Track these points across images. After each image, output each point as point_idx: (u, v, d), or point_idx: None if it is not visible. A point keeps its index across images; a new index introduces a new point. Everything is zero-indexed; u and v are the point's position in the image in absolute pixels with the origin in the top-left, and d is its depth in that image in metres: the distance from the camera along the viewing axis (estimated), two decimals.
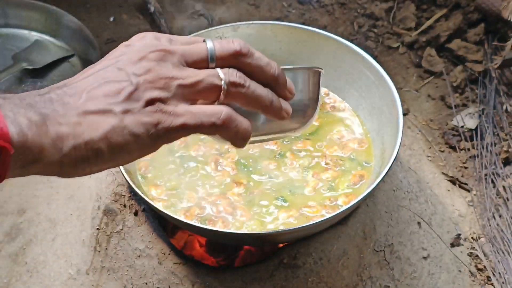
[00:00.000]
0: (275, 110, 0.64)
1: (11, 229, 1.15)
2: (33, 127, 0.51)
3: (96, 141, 0.54)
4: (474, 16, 1.51)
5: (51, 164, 0.53)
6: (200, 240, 1.02)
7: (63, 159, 0.53)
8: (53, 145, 0.52)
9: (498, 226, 1.13)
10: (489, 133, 1.28)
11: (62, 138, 0.53)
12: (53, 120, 0.53)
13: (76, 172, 0.56)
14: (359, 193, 0.91)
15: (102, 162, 0.56)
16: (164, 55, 0.57)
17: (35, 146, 0.51)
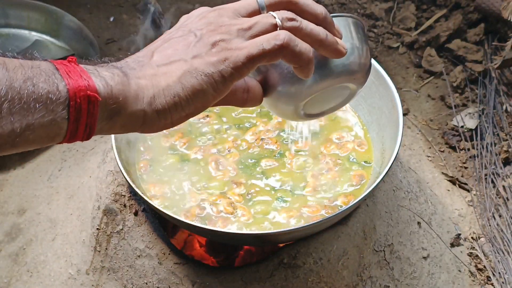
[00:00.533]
0: (332, 44, 0.65)
1: (11, 229, 1.16)
2: (116, 79, 0.55)
3: (172, 86, 0.57)
4: (474, 16, 1.51)
5: (134, 114, 0.57)
6: (200, 240, 1.02)
7: (146, 108, 0.57)
8: (135, 95, 0.56)
9: (498, 226, 1.13)
10: (489, 133, 1.28)
11: (142, 88, 0.57)
12: (132, 75, 0.57)
13: (159, 122, 0.59)
14: (359, 193, 0.91)
15: (181, 108, 0.58)
16: (220, 12, 0.62)
17: (120, 95, 0.55)
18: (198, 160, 0.98)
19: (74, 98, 0.52)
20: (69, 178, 1.18)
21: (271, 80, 0.68)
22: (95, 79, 0.54)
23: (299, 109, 0.72)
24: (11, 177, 1.26)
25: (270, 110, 0.75)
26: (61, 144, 1.30)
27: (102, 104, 0.54)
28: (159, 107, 0.57)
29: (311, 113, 0.75)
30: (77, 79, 0.53)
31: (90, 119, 0.54)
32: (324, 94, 0.71)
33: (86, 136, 0.55)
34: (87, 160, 1.19)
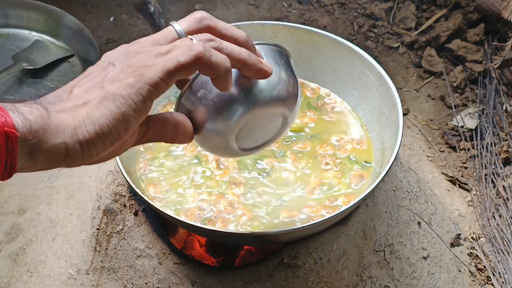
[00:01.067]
0: (255, 64, 0.64)
1: (11, 229, 1.16)
2: (35, 112, 0.55)
3: (91, 115, 0.57)
4: (474, 16, 1.51)
5: (56, 148, 0.56)
6: (200, 240, 1.02)
7: (67, 140, 0.56)
8: (55, 128, 0.56)
9: (498, 226, 1.13)
10: (489, 133, 1.28)
11: (62, 120, 0.56)
12: (52, 109, 0.57)
13: (82, 154, 0.58)
14: (359, 193, 0.91)
15: (104, 136, 0.57)
16: (139, 44, 0.63)
17: (39, 129, 0.54)
18: (198, 160, 0.98)
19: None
20: (69, 178, 1.18)
21: (198, 117, 0.67)
22: (12, 115, 0.53)
23: (232, 143, 0.70)
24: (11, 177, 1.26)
25: (203, 148, 0.74)
26: None
27: (22, 140, 0.53)
28: (81, 137, 0.56)
29: (246, 148, 0.73)
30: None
31: (9, 156, 0.53)
32: (255, 125, 0.70)
33: (7, 175, 0.55)
34: None
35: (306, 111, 1.06)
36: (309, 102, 1.07)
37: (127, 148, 0.64)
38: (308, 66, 1.10)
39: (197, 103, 0.67)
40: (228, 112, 0.66)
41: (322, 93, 1.09)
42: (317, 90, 1.09)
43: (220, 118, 0.67)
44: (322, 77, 1.10)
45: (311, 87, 1.10)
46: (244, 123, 0.68)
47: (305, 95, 1.09)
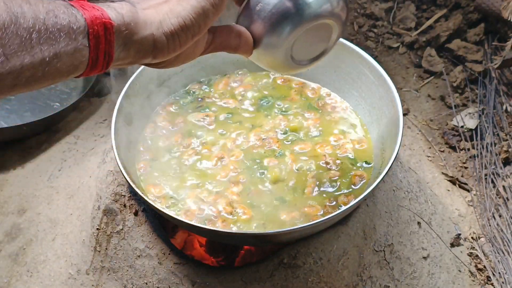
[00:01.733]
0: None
1: (11, 229, 1.16)
2: (126, 8, 0.61)
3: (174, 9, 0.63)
4: (474, 16, 1.51)
5: (145, 39, 0.61)
6: (200, 240, 1.02)
7: (154, 32, 0.62)
8: (144, 22, 0.61)
9: (498, 226, 1.13)
10: (489, 133, 1.28)
11: (149, 16, 0.62)
12: (139, 7, 0.63)
13: (168, 46, 0.63)
14: (359, 193, 0.91)
15: (186, 28, 0.63)
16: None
17: (130, 21, 0.60)
18: (198, 160, 0.98)
19: (92, 26, 0.57)
20: (69, 178, 1.18)
21: (257, 29, 0.72)
22: (107, 9, 0.59)
23: (288, 54, 0.75)
24: (11, 177, 1.26)
25: (261, 64, 0.78)
26: (61, 144, 1.30)
27: (117, 31, 0.59)
28: (166, 29, 0.62)
29: (301, 59, 0.78)
30: (91, 10, 0.58)
31: (107, 46, 0.58)
32: (309, 36, 0.75)
33: (106, 65, 0.59)
34: (87, 160, 1.19)
35: (306, 112, 1.06)
36: (310, 103, 1.07)
37: (199, 53, 0.70)
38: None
39: (255, 16, 0.72)
40: (283, 24, 0.71)
41: (322, 93, 1.09)
42: (318, 90, 1.09)
43: (277, 30, 0.72)
44: (322, 77, 1.10)
45: (312, 87, 1.10)
46: (298, 34, 0.73)
47: (305, 95, 1.09)
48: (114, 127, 0.94)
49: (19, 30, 0.52)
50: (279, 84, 1.12)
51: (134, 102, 1.02)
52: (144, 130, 1.03)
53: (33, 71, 0.54)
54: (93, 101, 1.42)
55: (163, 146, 1.01)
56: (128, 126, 0.99)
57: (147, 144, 1.01)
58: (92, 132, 1.32)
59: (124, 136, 0.97)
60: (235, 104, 1.07)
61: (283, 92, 1.10)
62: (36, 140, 1.33)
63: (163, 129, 1.03)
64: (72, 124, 1.37)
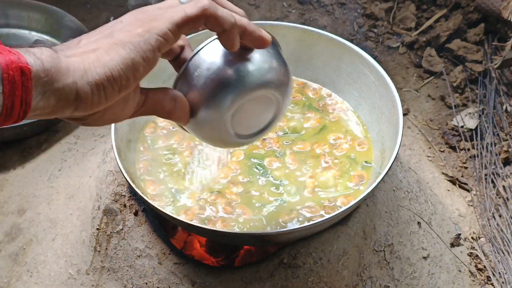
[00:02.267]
0: (255, 30, 0.66)
1: (11, 229, 1.15)
2: (46, 53, 0.56)
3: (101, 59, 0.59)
4: (474, 16, 1.51)
5: (67, 87, 0.57)
6: (200, 240, 1.02)
7: (77, 81, 0.57)
8: (66, 69, 0.57)
9: (498, 226, 1.13)
10: (489, 133, 1.28)
11: (72, 63, 0.58)
12: (62, 54, 0.58)
13: (92, 98, 0.59)
14: (359, 193, 0.91)
15: (113, 80, 0.59)
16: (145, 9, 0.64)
17: (51, 67, 0.56)
18: (198, 160, 0.98)
19: (6, 71, 0.52)
20: (69, 178, 1.18)
21: (194, 97, 0.68)
22: (25, 54, 0.55)
23: (227, 126, 0.71)
24: (11, 177, 1.26)
25: (199, 136, 0.74)
26: (61, 144, 1.30)
27: (35, 77, 0.54)
28: (91, 79, 0.58)
29: (241, 134, 0.74)
30: (7, 54, 0.53)
31: (24, 93, 0.54)
32: (249, 109, 0.71)
33: (23, 113, 0.55)
34: (87, 160, 1.19)
35: (306, 112, 1.06)
36: (310, 103, 1.07)
37: (128, 114, 0.65)
38: (308, 66, 1.10)
39: (193, 83, 0.68)
40: (223, 92, 0.67)
41: (323, 93, 1.09)
42: (319, 91, 1.09)
43: (216, 98, 0.68)
44: (322, 77, 1.10)
45: (313, 88, 1.10)
46: (239, 104, 0.69)
47: (306, 96, 1.09)
48: (114, 127, 0.94)
49: None
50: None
51: None
52: (144, 130, 1.03)
53: None
54: None
55: (163, 146, 1.01)
56: (128, 126, 0.99)
57: (147, 144, 1.01)
58: (92, 132, 1.32)
59: (124, 136, 0.97)
60: None
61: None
62: (36, 140, 1.33)
63: (163, 129, 1.03)
64: (72, 124, 1.36)
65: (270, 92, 0.71)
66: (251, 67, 0.68)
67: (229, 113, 0.69)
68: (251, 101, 0.70)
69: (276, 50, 0.72)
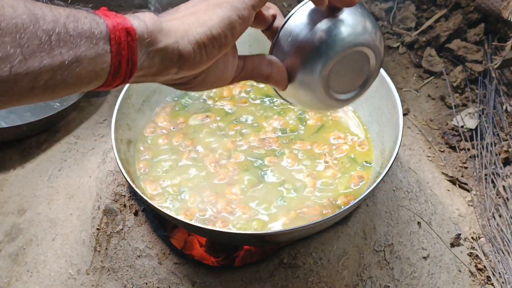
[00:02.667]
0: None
1: (11, 229, 1.16)
2: (148, 16, 0.60)
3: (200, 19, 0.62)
4: (474, 16, 1.51)
5: (170, 47, 0.60)
6: (200, 240, 1.02)
7: (179, 41, 0.60)
8: (168, 30, 0.60)
9: (498, 226, 1.13)
10: (489, 133, 1.28)
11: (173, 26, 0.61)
12: (162, 18, 0.62)
13: (194, 57, 0.62)
14: (359, 193, 0.91)
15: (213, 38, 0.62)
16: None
17: (154, 29, 0.59)
18: (198, 160, 0.98)
19: (113, 32, 0.56)
20: (69, 178, 1.18)
21: (290, 62, 0.70)
22: (129, 17, 0.59)
23: (325, 87, 0.72)
24: (11, 177, 1.26)
25: (298, 101, 0.76)
26: (61, 144, 1.30)
27: (140, 38, 0.58)
28: (191, 38, 0.61)
29: (339, 93, 0.75)
30: (113, 17, 0.57)
31: (130, 52, 0.57)
32: (344, 68, 0.72)
33: (129, 72, 0.58)
34: (87, 160, 1.19)
35: (307, 112, 1.06)
36: None
37: (229, 78, 0.68)
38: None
39: (286, 49, 0.69)
40: (317, 54, 0.69)
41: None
42: None
43: (311, 60, 0.69)
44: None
45: None
46: (333, 65, 0.70)
47: None
48: (114, 127, 0.94)
49: (38, 31, 0.51)
50: None
51: (135, 102, 1.02)
52: (144, 130, 1.03)
53: (51, 73, 0.53)
54: (93, 101, 1.42)
55: (163, 146, 1.01)
56: (128, 126, 0.99)
57: (147, 144, 1.01)
58: (92, 132, 1.32)
59: (124, 136, 0.97)
60: (236, 104, 1.08)
61: None
62: (36, 140, 1.33)
63: (163, 129, 1.03)
64: (72, 124, 1.37)
65: (363, 48, 0.72)
66: (341, 26, 0.69)
67: (325, 73, 0.70)
68: (344, 60, 0.71)
69: (363, 8, 0.72)
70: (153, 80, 0.62)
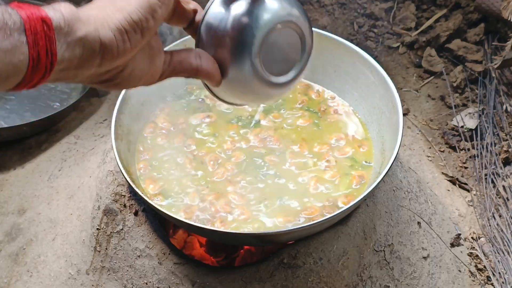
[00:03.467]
0: None
1: (11, 229, 1.16)
2: (64, 5, 0.58)
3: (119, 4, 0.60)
4: (474, 16, 1.51)
5: (90, 36, 0.58)
6: (200, 240, 1.02)
7: (99, 28, 0.58)
8: (87, 19, 0.58)
9: (498, 226, 1.13)
10: (489, 133, 1.28)
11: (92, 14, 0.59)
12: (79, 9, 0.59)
13: (117, 44, 0.59)
14: (359, 193, 0.91)
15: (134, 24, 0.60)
16: None
17: (71, 18, 0.57)
18: (198, 160, 0.98)
19: (28, 22, 0.54)
20: (69, 178, 1.18)
21: (218, 59, 0.68)
22: (44, 8, 0.56)
23: (260, 73, 0.69)
24: (11, 177, 1.26)
25: (234, 96, 0.73)
26: (61, 144, 1.30)
27: (57, 27, 0.55)
28: (112, 25, 0.59)
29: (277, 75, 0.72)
30: (27, 8, 0.55)
31: (48, 42, 0.55)
32: (273, 48, 0.69)
33: (50, 64, 0.56)
34: (87, 160, 1.19)
35: (307, 112, 1.06)
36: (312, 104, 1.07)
37: (156, 75, 0.66)
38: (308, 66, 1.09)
39: (212, 43, 0.68)
40: (242, 38, 0.67)
41: (326, 96, 1.09)
42: (322, 93, 1.09)
43: (238, 47, 0.67)
44: (322, 77, 1.10)
45: (317, 89, 1.10)
46: (261, 45, 0.68)
47: (309, 97, 1.09)
48: (114, 127, 0.94)
49: None
50: None
51: (135, 102, 1.02)
52: (144, 130, 1.03)
53: None
54: (93, 101, 1.42)
55: (163, 146, 1.01)
56: (128, 126, 0.99)
57: (146, 144, 1.01)
58: (92, 132, 1.32)
59: (124, 136, 0.97)
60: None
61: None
62: (36, 140, 1.33)
63: (163, 129, 1.03)
64: (72, 124, 1.37)
65: (284, 24, 0.70)
66: (258, 7, 0.67)
67: (255, 59, 0.68)
68: (270, 40, 0.69)
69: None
70: (76, 75, 0.59)
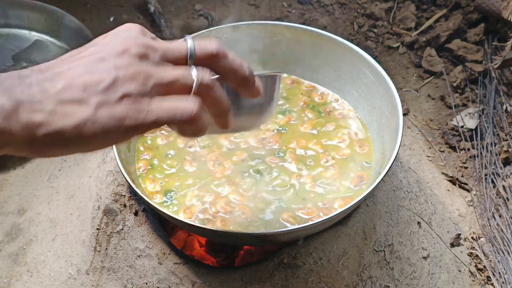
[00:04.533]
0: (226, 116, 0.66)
1: (11, 229, 1.16)
2: (3, 114, 0.53)
3: (67, 131, 0.55)
4: (474, 16, 1.51)
5: (21, 146, 0.55)
6: (200, 240, 1.02)
7: (34, 143, 0.55)
8: (24, 130, 0.54)
9: (498, 226, 1.13)
10: (489, 133, 1.28)
11: (34, 124, 0.54)
12: (28, 107, 0.54)
13: (47, 154, 0.57)
14: (358, 193, 0.91)
15: (73, 148, 0.57)
16: (147, 50, 0.59)
17: (4, 131, 0.53)
18: (197, 160, 0.98)
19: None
20: (69, 178, 1.18)
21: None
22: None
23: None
24: (11, 177, 1.26)
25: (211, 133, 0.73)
26: None
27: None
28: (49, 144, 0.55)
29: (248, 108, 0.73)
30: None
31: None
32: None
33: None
34: (87, 160, 1.19)
35: (308, 112, 1.06)
36: (313, 105, 1.07)
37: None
38: (308, 66, 1.10)
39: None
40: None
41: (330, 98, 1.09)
42: (326, 96, 1.09)
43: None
44: (322, 77, 1.10)
45: (321, 92, 1.09)
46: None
47: (312, 98, 1.08)
48: None
49: None
50: (287, 83, 1.11)
51: None
52: None
53: None
54: None
55: (163, 145, 1.01)
56: None
57: (147, 143, 1.01)
58: None
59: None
60: None
61: (287, 93, 1.09)
62: None
63: (163, 129, 1.03)
64: None
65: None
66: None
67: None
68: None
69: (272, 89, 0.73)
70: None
